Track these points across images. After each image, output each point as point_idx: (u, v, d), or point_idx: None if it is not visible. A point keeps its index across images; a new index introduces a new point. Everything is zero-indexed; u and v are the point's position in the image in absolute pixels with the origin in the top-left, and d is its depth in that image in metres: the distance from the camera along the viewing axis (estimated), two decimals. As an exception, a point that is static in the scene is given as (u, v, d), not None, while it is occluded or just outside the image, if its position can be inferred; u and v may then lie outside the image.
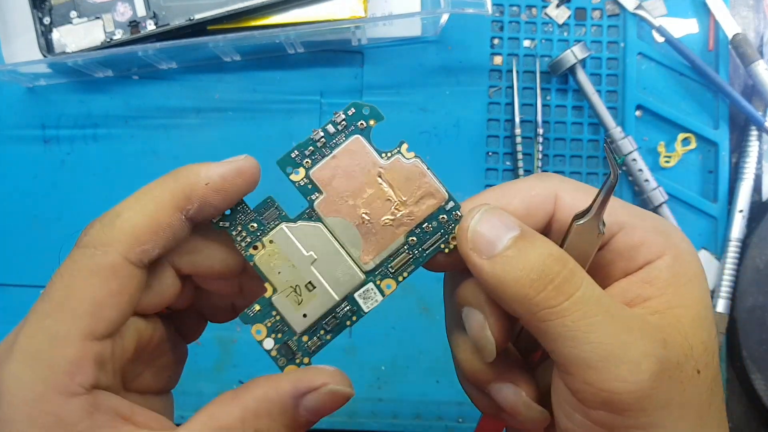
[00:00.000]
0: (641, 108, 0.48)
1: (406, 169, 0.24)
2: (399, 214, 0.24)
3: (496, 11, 0.49)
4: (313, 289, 0.24)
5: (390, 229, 0.24)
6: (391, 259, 0.24)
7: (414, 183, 0.24)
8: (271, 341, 0.24)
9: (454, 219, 0.24)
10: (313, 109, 0.48)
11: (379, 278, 0.24)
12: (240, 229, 0.24)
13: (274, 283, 0.24)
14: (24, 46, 0.46)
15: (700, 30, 0.49)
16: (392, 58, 0.48)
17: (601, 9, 0.49)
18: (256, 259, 0.24)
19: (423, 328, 0.47)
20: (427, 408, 0.46)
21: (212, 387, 0.46)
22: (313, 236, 0.24)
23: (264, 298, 0.24)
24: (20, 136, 0.48)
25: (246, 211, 0.24)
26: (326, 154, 0.24)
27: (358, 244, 0.24)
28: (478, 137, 0.48)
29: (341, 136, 0.24)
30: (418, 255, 0.25)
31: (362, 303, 0.24)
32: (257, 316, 0.24)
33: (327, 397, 0.22)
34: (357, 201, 0.24)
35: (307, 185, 0.24)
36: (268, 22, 0.44)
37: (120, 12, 0.44)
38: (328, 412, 0.23)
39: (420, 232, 0.24)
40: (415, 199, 0.24)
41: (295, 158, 0.24)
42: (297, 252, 0.24)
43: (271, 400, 0.23)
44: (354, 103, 0.25)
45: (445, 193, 0.24)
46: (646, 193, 0.46)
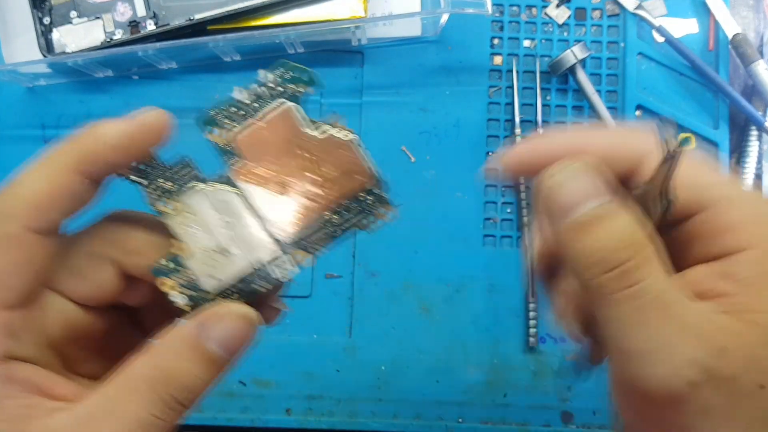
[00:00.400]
0: (641, 108, 0.48)
1: (335, 143, 0.23)
2: (322, 188, 0.23)
3: (496, 11, 0.49)
4: (225, 254, 0.23)
5: (311, 203, 0.23)
6: (308, 233, 0.23)
7: (343, 159, 0.23)
8: (182, 297, 0.23)
9: (379, 200, 0.23)
10: (313, 108, 0.48)
11: (293, 250, 0.23)
12: (154, 187, 0.23)
13: (186, 243, 0.23)
14: (24, 46, 0.46)
15: (700, 30, 0.49)
16: (392, 58, 0.48)
17: (601, 9, 0.49)
18: (168, 217, 0.23)
19: (423, 328, 0.47)
20: (427, 408, 0.47)
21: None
22: (228, 201, 0.23)
23: (177, 256, 0.23)
24: (20, 136, 0.48)
25: (161, 168, 0.23)
26: (251, 117, 0.23)
27: (275, 213, 0.23)
28: (478, 137, 0.48)
29: (268, 100, 0.23)
30: (335, 232, 0.23)
31: (275, 273, 0.23)
32: (168, 272, 0.23)
33: (231, 323, 0.22)
34: (278, 170, 0.23)
35: (227, 148, 0.23)
36: (268, 22, 0.44)
37: (120, 12, 0.44)
38: (239, 344, 0.22)
39: (341, 209, 0.23)
40: (341, 176, 0.23)
41: (216, 117, 0.23)
42: (211, 215, 0.23)
43: (175, 337, 0.22)
44: (284, 63, 0.23)
45: (372, 172, 0.23)
46: (646, 193, 0.46)
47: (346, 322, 0.47)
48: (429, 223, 0.47)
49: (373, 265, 0.47)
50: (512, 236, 0.48)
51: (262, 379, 0.46)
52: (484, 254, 0.47)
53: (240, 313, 0.22)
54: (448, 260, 0.47)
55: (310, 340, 0.47)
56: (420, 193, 0.48)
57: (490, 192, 0.48)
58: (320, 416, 0.46)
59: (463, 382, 0.47)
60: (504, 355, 0.47)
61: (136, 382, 0.22)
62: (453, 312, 0.47)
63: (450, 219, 0.47)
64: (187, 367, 0.22)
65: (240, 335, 0.22)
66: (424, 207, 0.47)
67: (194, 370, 0.22)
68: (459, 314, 0.47)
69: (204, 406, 0.46)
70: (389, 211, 0.23)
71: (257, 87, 0.23)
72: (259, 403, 0.46)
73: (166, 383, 0.21)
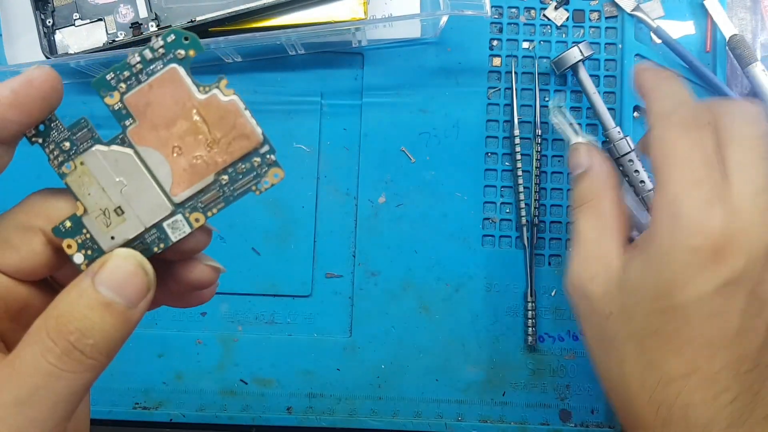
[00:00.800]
0: (639, 109, 0.49)
1: (222, 107, 0.23)
2: (212, 151, 0.24)
3: (494, 13, 0.49)
4: (122, 214, 0.24)
5: (202, 165, 0.24)
6: (201, 195, 0.24)
7: (228, 122, 0.23)
8: (81, 256, 0.24)
9: (267, 163, 0.24)
10: (314, 110, 0.48)
11: (188, 211, 0.24)
12: (53, 147, 0.24)
13: (84, 203, 0.24)
14: (26, 47, 0.46)
15: (697, 32, 0.50)
16: (392, 59, 0.49)
17: (599, 11, 0.50)
18: (67, 178, 0.24)
19: (423, 328, 0.47)
20: (426, 406, 0.47)
21: (214, 386, 0.47)
22: (124, 162, 0.24)
23: (75, 216, 0.24)
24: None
25: (60, 130, 0.24)
26: (142, 80, 0.23)
27: (169, 175, 0.24)
28: (477, 138, 0.49)
29: (158, 64, 0.23)
30: (228, 194, 0.24)
31: (170, 232, 0.24)
32: (68, 232, 0.24)
33: (117, 265, 0.23)
34: (170, 133, 0.23)
35: (121, 110, 0.24)
36: (270, 24, 0.44)
37: (122, 14, 0.45)
38: (131, 287, 0.23)
39: (232, 171, 0.24)
40: (228, 139, 0.24)
41: (111, 80, 0.23)
42: (107, 176, 0.24)
43: (68, 287, 0.23)
44: (173, 30, 0.24)
45: (260, 136, 0.24)
46: (642, 193, 0.46)
47: (347, 321, 0.47)
48: (429, 223, 0.48)
49: (373, 265, 0.48)
50: (511, 236, 0.48)
51: (262, 377, 0.47)
52: (483, 254, 0.48)
53: (126, 254, 0.23)
54: (448, 260, 0.48)
55: (311, 339, 0.47)
56: (420, 194, 0.48)
57: (489, 192, 0.48)
58: (321, 414, 0.47)
59: (463, 381, 0.47)
60: (503, 354, 0.47)
61: (32, 334, 0.22)
62: (452, 311, 0.47)
63: (449, 219, 0.48)
64: (80, 311, 0.22)
65: (129, 276, 0.23)
66: (424, 207, 0.48)
67: (88, 315, 0.22)
68: (458, 314, 0.47)
69: (204, 405, 0.47)
70: (277, 173, 0.24)
71: (148, 51, 0.24)
72: (259, 401, 0.47)
73: (58, 329, 0.22)
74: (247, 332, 0.47)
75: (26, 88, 0.23)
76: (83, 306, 0.22)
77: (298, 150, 0.48)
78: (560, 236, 0.48)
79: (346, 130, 0.48)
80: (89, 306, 0.22)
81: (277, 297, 0.47)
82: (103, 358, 0.22)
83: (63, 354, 0.21)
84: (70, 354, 0.21)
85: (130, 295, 0.23)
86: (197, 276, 0.26)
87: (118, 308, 0.22)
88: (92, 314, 0.22)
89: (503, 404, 0.47)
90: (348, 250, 0.48)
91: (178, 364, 0.47)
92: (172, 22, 0.44)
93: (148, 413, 0.46)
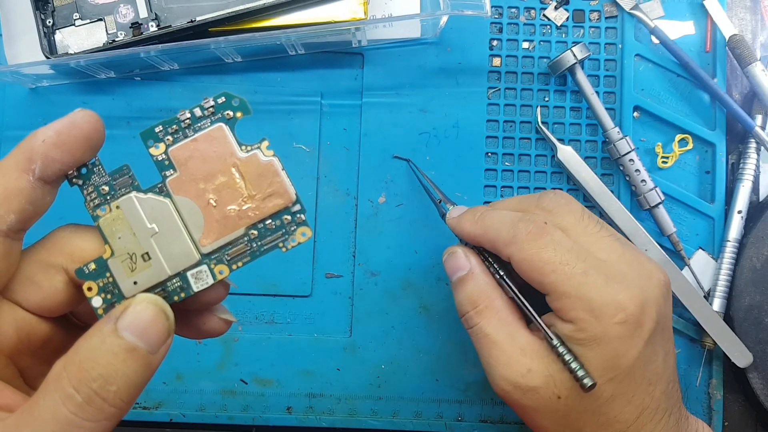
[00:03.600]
0: (638, 109, 0.49)
1: (261, 165, 0.25)
2: (245, 206, 0.25)
3: (494, 13, 0.49)
4: (148, 260, 0.25)
5: (234, 219, 0.25)
6: (229, 247, 0.25)
7: (266, 180, 0.25)
8: (99, 299, 0.25)
9: (297, 222, 0.25)
10: (314, 110, 0.48)
11: (213, 262, 0.25)
12: (91, 189, 0.25)
13: (112, 246, 0.25)
14: (27, 47, 0.46)
15: (697, 31, 0.50)
16: (392, 59, 0.49)
17: (599, 11, 0.50)
18: (100, 221, 0.25)
19: (423, 328, 0.47)
20: (426, 406, 0.47)
21: (214, 386, 0.47)
22: (158, 210, 0.25)
23: (101, 258, 0.24)
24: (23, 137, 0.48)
25: (101, 174, 0.25)
26: (188, 135, 0.25)
27: (200, 226, 0.25)
28: (477, 138, 0.49)
29: (206, 122, 0.25)
30: (255, 248, 0.25)
31: (193, 282, 0.25)
32: (91, 274, 0.25)
33: (140, 310, 0.23)
34: (208, 185, 0.25)
35: (164, 161, 0.25)
36: (270, 24, 0.44)
37: (122, 14, 0.45)
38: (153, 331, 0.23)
39: (262, 227, 0.25)
40: (263, 195, 0.25)
41: (158, 133, 0.25)
42: (140, 222, 0.25)
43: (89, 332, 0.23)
44: (224, 93, 0.25)
45: (293, 195, 0.25)
46: (643, 193, 0.46)
47: (347, 321, 0.47)
48: (429, 223, 0.48)
49: (373, 265, 0.48)
50: (511, 236, 0.48)
51: (263, 377, 0.47)
52: (483, 254, 0.48)
53: (148, 299, 0.23)
54: (448, 260, 0.48)
55: (311, 339, 0.47)
56: (420, 193, 0.48)
57: (489, 192, 0.48)
58: (321, 414, 0.47)
59: (463, 381, 0.47)
60: (503, 354, 0.47)
61: (52, 381, 0.22)
62: (452, 311, 0.47)
63: (449, 219, 0.48)
64: (103, 357, 0.22)
65: (151, 321, 0.23)
66: (424, 207, 0.48)
67: (112, 361, 0.22)
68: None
69: (204, 405, 0.47)
70: (305, 232, 0.25)
71: (198, 110, 0.25)
72: (260, 401, 0.47)
73: (80, 376, 0.21)
74: (247, 332, 0.47)
75: (69, 129, 0.24)
76: (106, 351, 0.22)
77: (298, 150, 0.48)
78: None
79: (346, 130, 0.49)
80: (112, 351, 0.22)
81: (277, 297, 0.47)
82: (124, 405, 0.22)
83: (84, 403, 0.21)
84: (91, 402, 0.21)
85: (152, 340, 0.23)
86: (210, 327, 0.27)
87: (141, 353, 0.22)
88: (116, 360, 0.22)
89: (503, 404, 0.47)
90: (348, 250, 0.48)
91: (178, 364, 0.47)
92: (172, 22, 0.44)
93: (148, 413, 0.46)
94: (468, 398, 0.47)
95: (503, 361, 0.33)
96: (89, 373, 0.21)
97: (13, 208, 0.23)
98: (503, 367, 0.33)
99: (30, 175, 0.23)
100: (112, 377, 0.22)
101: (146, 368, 0.23)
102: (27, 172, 0.23)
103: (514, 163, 0.49)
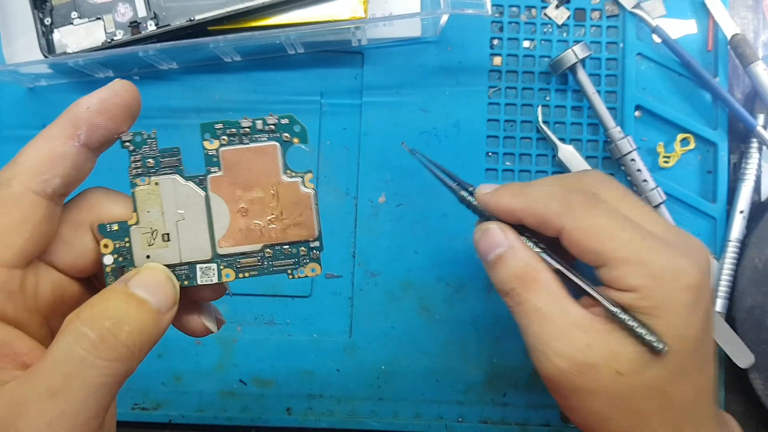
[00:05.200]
0: (640, 108, 0.48)
1: (299, 194, 0.26)
2: (271, 225, 0.26)
3: (495, 12, 0.49)
4: (166, 240, 0.26)
5: (256, 233, 0.26)
6: (242, 256, 0.26)
7: (298, 209, 0.26)
8: (111, 258, 0.26)
9: (312, 257, 0.27)
10: (314, 109, 0.48)
11: (224, 264, 0.26)
12: (139, 158, 0.26)
13: (139, 216, 0.26)
14: (25, 46, 0.46)
15: (699, 30, 0.49)
16: (392, 58, 0.49)
17: (600, 10, 0.49)
18: (137, 189, 0.26)
19: (423, 328, 0.47)
20: (427, 407, 0.47)
21: (213, 386, 0.46)
22: (192, 199, 0.26)
23: (125, 223, 0.26)
24: (21, 137, 0.48)
25: (153, 147, 0.26)
26: (243, 142, 0.26)
27: (224, 228, 0.26)
28: (477, 137, 0.48)
29: (264, 136, 0.26)
30: (266, 266, 0.26)
31: (199, 275, 0.26)
32: (111, 233, 0.26)
33: (149, 272, 0.25)
34: (244, 194, 0.26)
35: (213, 157, 0.26)
36: (269, 22, 0.44)
37: (121, 13, 0.44)
38: (161, 291, 0.24)
39: (279, 249, 0.26)
40: (290, 222, 0.26)
41: (217, 130, 0.26)
42: (172, 204, 0.26)
43: (101, 293, 0.24)
44: (290, 116, 0.26)
45: (316, 232, 0.27)
46: (645, 193, 0.46)
47: (346, 321, 0.47)
48: (429, 223, 0.48)
49: (373, 265, 0.47)
50: (512, 236, 0.48)
51: (262, 378, 0.47)
52: (483, 254, 0.48)
53: (157, 266, 0.25)
54: (448, 260, 0.47)
55: (310, 340, 0.47)
56: (420, 193, 0.48)
57: (489, 192, 0.48)
58: (320, 415, 0.46)
59: (463, 382, 0.47)
60: (503, 354, 0.47)
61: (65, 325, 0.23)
62: (453, 312, 0.47)
63: (450, 219, 0.48)
64: (115, 305, 0.23)
65: (160, 283, 0.25)
66: (424, 207, 0.48)
67: (123, 307, 0.23)
68: (459, 314, 0.47)
69: (204, 406, 0.46)
70: (315, 268, 0.27)
71: (260, 122, 0.26)
72: (259, 402, 0.46)
73: (93, 317, 0.22)
74: (246, 333, 0.47)
75: (112, 97, 0.25)
76: (119, 300, 0.23)
77: (297, 149, 0.47)
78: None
79: (346, 130, 0.48)
80: (125, 300, 0.23)
81: (276, 297, 0.47)
82: (135, 350, 0.23)
83: (98, 340, 0.22)
84: (104, 339, 0.22)
85: (160, 299, 0.24)
86: (191, 326, 0.28)
87: (151, 307, 0.24)
88: (128, 306, 0.23)
89: (504, 405, 0.47)
90: (348, 250, 0.48)
91: (177, 365, 0.47)
92: (170, 20, 0.44)
93: (147, 414, 0.46)
94: (468, 399, 0.47)
95: (558, 335, 0.30)
96: (103, 314, 0.23)
97: (59, 172, 0.24)
98: (559, 341, 0.30)
99: (75, 141, 0.24)
100: (125, 319, 0.23)
101: (156, 323, 0.24)
102: (72, 138, 0.24)
103: (515, 163, 0.48)
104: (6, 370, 0.23)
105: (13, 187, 0.24)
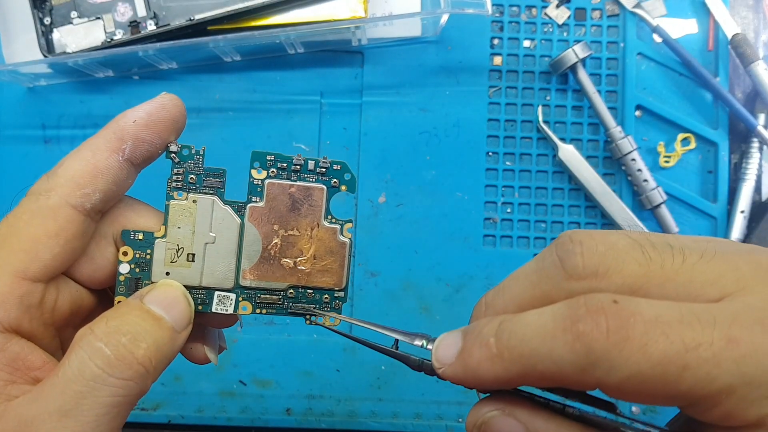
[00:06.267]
0: (641, 108, 0.48)
1: (335, 241, 0.26)
2: (300, 266, 0.26)
3: (495, 11, 0.49)
4: (190, 260, 0.25)
5: (283, 271, 0.26)
6: (264, 292, 0.26)
7: (331, 256, 0.26)
8: (127, 267, 0.25)
9: (334, 306, 0.26)
10: (314, 109, 0.48)
11: (243, 296, 0.26)
12: (182, 171, 0.25)
13: (168, 231, 0.25)
14: (24, 46, 0.46)
15: (700, 30, 0.49)
16: (392, 58, 0.49)
17: (600, 9, 0.49)
18: (172, 202, 0.25)
19: (423, 328, 0.47)
20: (427, 407, 0.47)
21: (213, 387, 0.46)
22: (226, 225, 0.25)
23: (152, 234, 0.25)
24: (21, 136, 0.48)
25: (198, 164, 0.25)
26: (291, 178, 0.26)
27: (253, 260, 0.25)
28: (478, 137, 0.48)
29: (313, 177, 0.26)
30: (286, 306, 0.26)
31: (215, 302, 0.25)
32: (134, 242, 0.25)
33: (163, 288, 0.24)
34: (280, 230, 0.25)
35: (258, 187, 0.25)
36: (269, 22, 0.44)
37: (120, 12, 0.44)
38: (175, 307, 0.24)
39: (302, 292, 0.26)
40: (320, 267, 0.26)
41: (268, 161, 0.25)
42: (205, 226, 0.25)
43: (115, 307, 0.23)
44: (343, 163, 0.26)
45: (343, 281, 0.26)
46: (645, 193, 0.46)
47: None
48: (429, 223, 0.47)
49: (373, 265, 0.47)
50: (512, 236, 0.48)
51: (262, 378, 0.47)
52: (483, 254, 0.47)
53: (173, 284, 0.24)
54: (448, 260, 0.47)
55: (310, 340, 0.47)
56: (420, 193, 0.48)
57: (490, 192, 0.48)
58: (320, 416, 0.46)
59: (463, 382, 0.47)
60: (504, 354, 0.47)
61: (77, 341, 0.22)
62: (453, 312, 0.47)
63: (450, 219, 0.48)
64: (131, 320, 0.22)
65: (175, 300, 0.24)
66: (424, 207, 0.48)
67: (140, 323, 0.22)
68: (459, 314, 0.47)
69: (203, 406, 0.46)
70: (334, 318, 0.26)
71: (313, 162, 0.26)
72: (259, 402, 0.46)
73: (108, 332, 0.21)
74: (246, 333, 0.47)
75: (159, 111, 0.24)
76: (135, 315, 0.22)
77: (297, 149, 0.47)
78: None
79: (346, 130, 0.48)
80: (141, 316, 0.22)
81: (276, 297, 0.47)
82: (151, 368, 0.22)
83: (113, 356, 0.21)
84: (120, 357, 0.21)
85: (176, 317, 0.23)
86: (193, 354, 0.27)
87: (167, 324, 0.23)
88: (144, 322, 0.22)
89: (504, 405, 0.47)
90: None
91: (176, 365, 0.46)
92: (170, 20, 0.44)
93: (146, 414, 0.46)
94: (468, 399, 0.47)
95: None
96: (119, 329, 0.22)
97: (100, 187, 0.23)
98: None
99: (120, 154, 0.24)
100: (141, 336, 0.22)
101: (171, 341, 0.23)
102: (117, 151, 0.24)
103: (515, 163, 0.48)
104: (17, 384, 0.22)
105: (51, 199, 0.23)
